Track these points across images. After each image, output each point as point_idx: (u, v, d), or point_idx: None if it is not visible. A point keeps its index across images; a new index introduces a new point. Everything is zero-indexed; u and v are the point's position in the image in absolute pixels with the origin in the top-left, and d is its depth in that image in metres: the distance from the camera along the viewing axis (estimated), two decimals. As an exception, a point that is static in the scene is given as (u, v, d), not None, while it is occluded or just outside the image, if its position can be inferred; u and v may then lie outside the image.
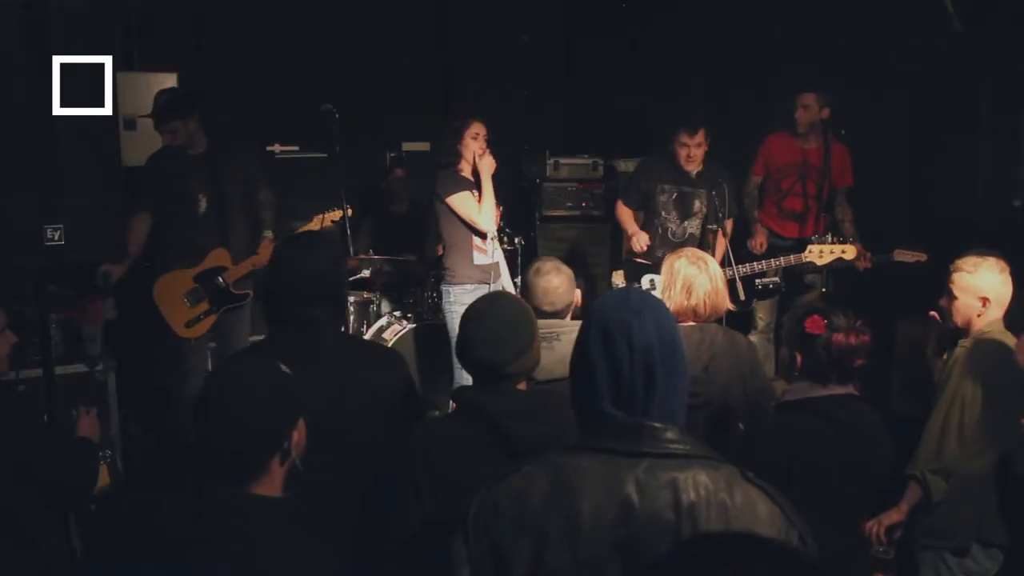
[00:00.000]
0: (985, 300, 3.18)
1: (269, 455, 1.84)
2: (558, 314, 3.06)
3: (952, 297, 3.25)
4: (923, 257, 4.79)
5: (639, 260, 5.20)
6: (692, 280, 3.13)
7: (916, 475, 3.13)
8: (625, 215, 5.39)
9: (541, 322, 2.90)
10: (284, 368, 1.92)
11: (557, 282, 3.07)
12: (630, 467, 1.53)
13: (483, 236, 4.64)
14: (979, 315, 3.19)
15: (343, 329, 2.65)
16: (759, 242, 5.49)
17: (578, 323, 2.92)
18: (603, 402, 1.59)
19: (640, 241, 5.17)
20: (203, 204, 4.64)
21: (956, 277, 3.25)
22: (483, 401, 2.27)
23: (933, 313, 3.41)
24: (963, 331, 3.26)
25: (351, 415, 2.40)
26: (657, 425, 1.56)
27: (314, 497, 2.32)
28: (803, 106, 5.32)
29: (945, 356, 3.36)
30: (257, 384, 1.85)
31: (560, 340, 2.89)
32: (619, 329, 1.59)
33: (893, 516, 3.09)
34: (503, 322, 2.29)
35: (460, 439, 2.26)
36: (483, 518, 1.58)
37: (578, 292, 3.20)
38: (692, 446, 1.56)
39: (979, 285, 3.18)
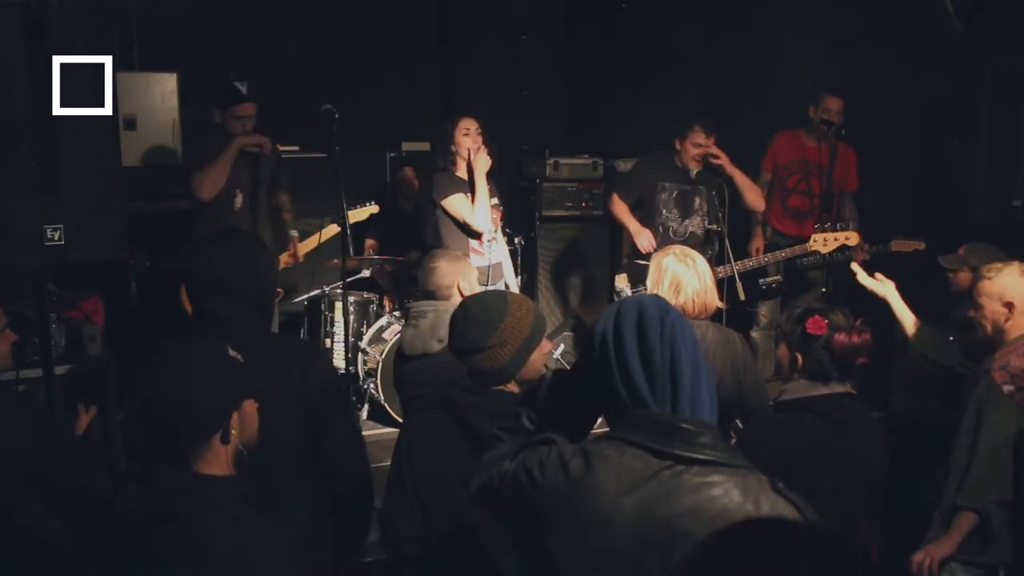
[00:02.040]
0: (1010, 304, 3.15)
1: (207, 434, 1.84)
2: (430, 295, 3.31)
3: (978, 305, 3.23)
4: (921, 246, 4.74)
5: (641, 262, 5.17)
6: (680, 278, 3.13)
7: (977, 509, 2.95)
8: (622, 210, 5.26)
9: (415, 303, 3.33)
10: (234, 353, 1.93)
11: (434, 265, 3.27)
12: (657, 467, 1.52)
13: (478, 237, 4.60)
14: (1007, 320, 3.16)
15: (264, 328, 2.61)
16: (756, 247, 5.46)
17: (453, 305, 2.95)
18: (637, 396, 1.58)
19: (646, 240, 5.06)
20: (239, 199, 4.66)
21: (979, 285, 3.23)
22: (456, 397, 2.32)
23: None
24: (993, 339, 3.21)
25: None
26: (692, 428, 1.54)
27: None
28: (827, 109, 5.24)
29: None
30: (198, 363, 1.86)
31: (426, 318, 3.21)
32: (652, 321, 1.60)
33: (945, 548, 2.94)
34: (462, 313, 2.36)
35: (439, 435, 2.31)
36: (514, 477, 1.62)
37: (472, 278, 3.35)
38: (724, 452, 1.54)
39: (1000, 290, 3.16)
